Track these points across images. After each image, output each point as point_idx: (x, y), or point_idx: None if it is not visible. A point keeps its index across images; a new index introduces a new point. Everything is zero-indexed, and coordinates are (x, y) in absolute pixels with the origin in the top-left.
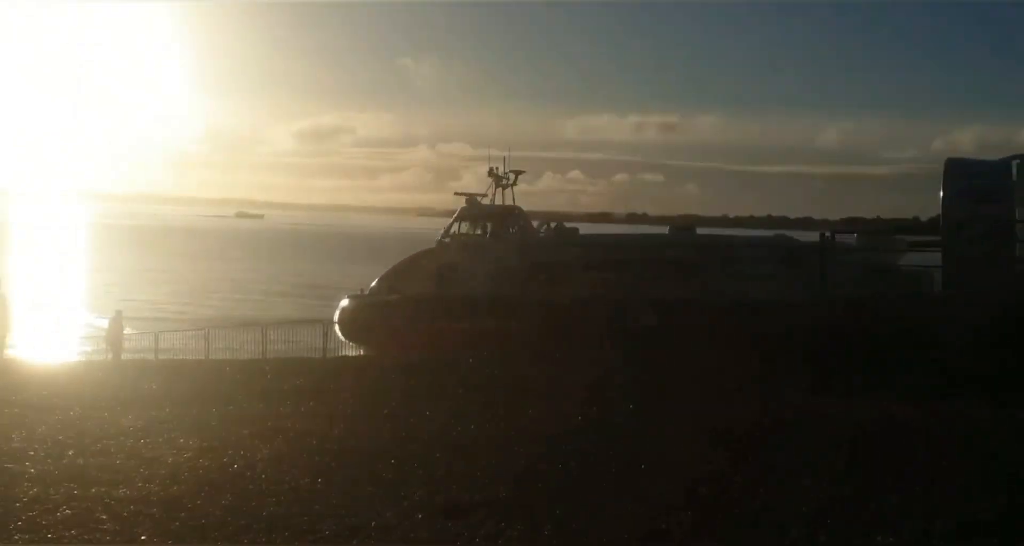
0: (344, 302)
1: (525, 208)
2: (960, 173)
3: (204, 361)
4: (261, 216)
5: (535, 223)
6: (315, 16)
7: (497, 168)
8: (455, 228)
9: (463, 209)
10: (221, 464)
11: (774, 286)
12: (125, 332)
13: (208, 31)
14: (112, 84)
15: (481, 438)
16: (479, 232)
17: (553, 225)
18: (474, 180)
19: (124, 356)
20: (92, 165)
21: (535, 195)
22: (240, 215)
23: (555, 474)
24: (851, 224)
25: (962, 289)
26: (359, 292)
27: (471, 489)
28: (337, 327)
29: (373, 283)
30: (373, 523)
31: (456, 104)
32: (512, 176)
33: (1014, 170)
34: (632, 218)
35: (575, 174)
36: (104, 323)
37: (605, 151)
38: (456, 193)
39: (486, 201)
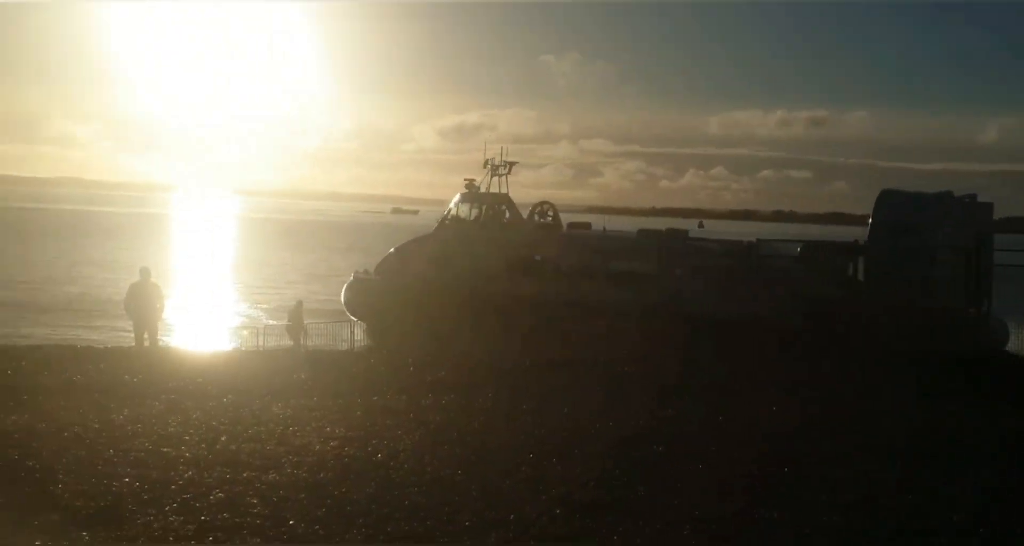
0: (349, 280)
1: (663, 203)
2: (887, 205)
3: (350, 352)
4: (416, 212)
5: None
6: (460, 16)
7: (493, 159)
8: (453, 211)
9: (462, 194)
10: (366, 453)
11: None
12: (282, 322)
13: (356, 32)
14: (268, 85)
15: (618, 436)
16: (475, 214)
17: (548, 210)
18: (616, 176)
19: (292, 344)
20: (247, 162)
21: (676, 191)
22: (396, 211)
23: (692, 474)
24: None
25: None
26: (363, 271)
27: (609, 487)
28: (343, 302)
29: (379, 262)
30: (512, 516)
31: (597, 101)
32: (507, 167)
33: (953, 205)
34: (778, 216)
35: (718, 170)
36: (270, 314)
37: (750, 147)
38: (464, 178)
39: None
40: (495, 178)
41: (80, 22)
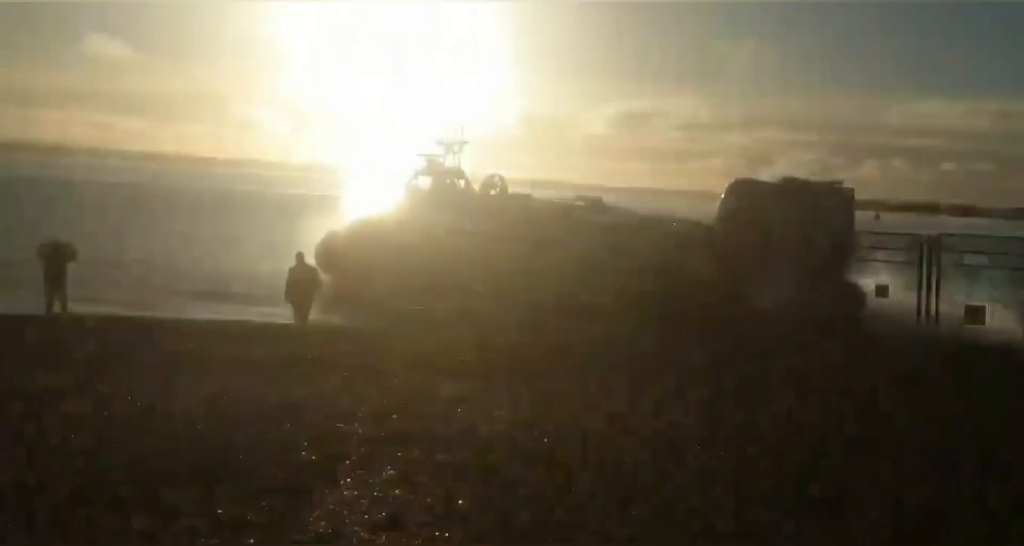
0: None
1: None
2: (733, 191)
3: (520, 335)
4: (599, 199)
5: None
6: (631, 1)
7: (447, 138)
8: (414, 181)
9: (424, 166)
10: (533, 437)
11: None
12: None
13: (524, 19)
14: (435, 69)
15: (794, 432)
16: (434, 183)
17: (498, 182)
18: (789, 166)
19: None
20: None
21: (852, 183)
22: (578, 199)
23: (868, 471)
24: None
25: None
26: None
27: (780, 483)
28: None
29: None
30: (684, 506)
31: (771, 88)
32: (459, 146)
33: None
34: (959, 210)
35: (898, 162)
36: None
37: (932, 138)
38: (418, 154)
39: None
40: (451, 154)
41: (263, 11)
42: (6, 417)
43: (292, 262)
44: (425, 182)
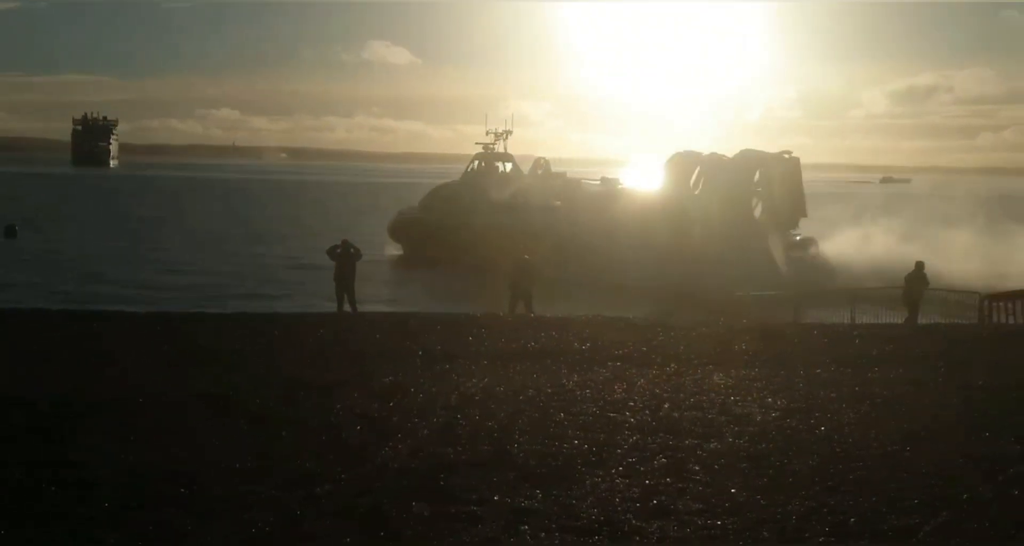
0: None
1: None
2: (675, 164)
3: (790, 325)
4: (908, 181)
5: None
6: None
7: (497, 128)
8: (472, 166)
9: (477, 154)
10: (808, 425)
11: None
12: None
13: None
14: (712, 61)
15: None
16: (487, 168)
17: (544, 164)
18: None
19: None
20: (690, 137)
21: None
22: (885, 180)
23: None
24: None
25: None
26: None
27: None
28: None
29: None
30: (964, 496)
31: None
32: (506, 134)
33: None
34: None
35: None
36: None
37: None
38: (476, 143)
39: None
40: (500, 141)
41: (528, 9)
42: (301, 409)
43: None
44: (480, 167)
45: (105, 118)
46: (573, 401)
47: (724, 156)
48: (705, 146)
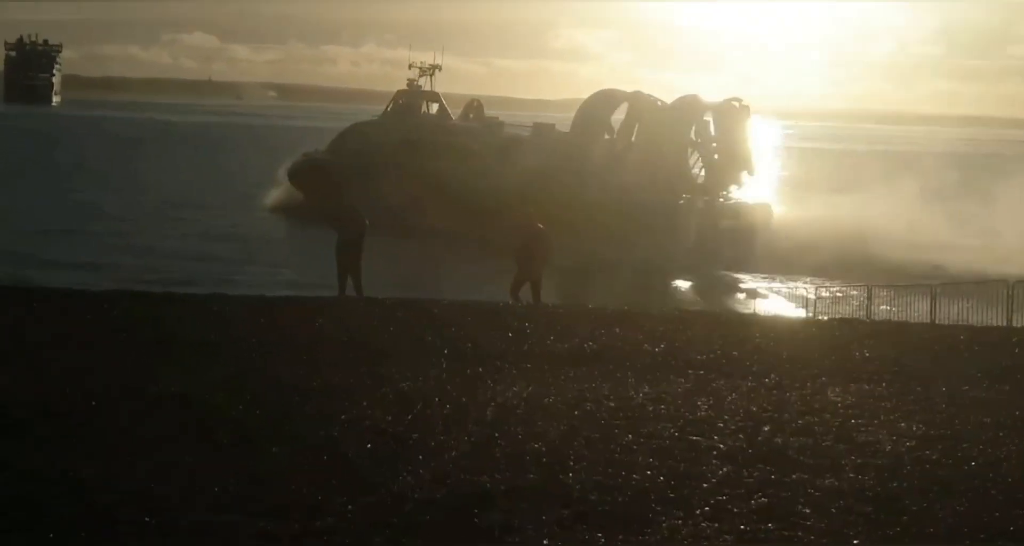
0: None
1: None
2: (590, 106)
3: (927, 326)
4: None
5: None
6: None
7: (423, 62)
8: (391, 106)
9: (399, 92)
10: (954, 459)
11: None
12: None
13: None
14: None
15: None
16: (407, 106)
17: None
18: None
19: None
20: (797, 79)
21: None
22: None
23: None
24: None
25: None
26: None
27: None
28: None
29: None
30: None
31: None
32: (431, 70)
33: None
34: None
35: None
36: None
37: None
38: (408, 79)
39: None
40: (426, 77)
41: None
42: (296, 420)
43: None
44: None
45: (46, 42)
46: (644, 419)
47: (653, 97)
48: (816, 93)
